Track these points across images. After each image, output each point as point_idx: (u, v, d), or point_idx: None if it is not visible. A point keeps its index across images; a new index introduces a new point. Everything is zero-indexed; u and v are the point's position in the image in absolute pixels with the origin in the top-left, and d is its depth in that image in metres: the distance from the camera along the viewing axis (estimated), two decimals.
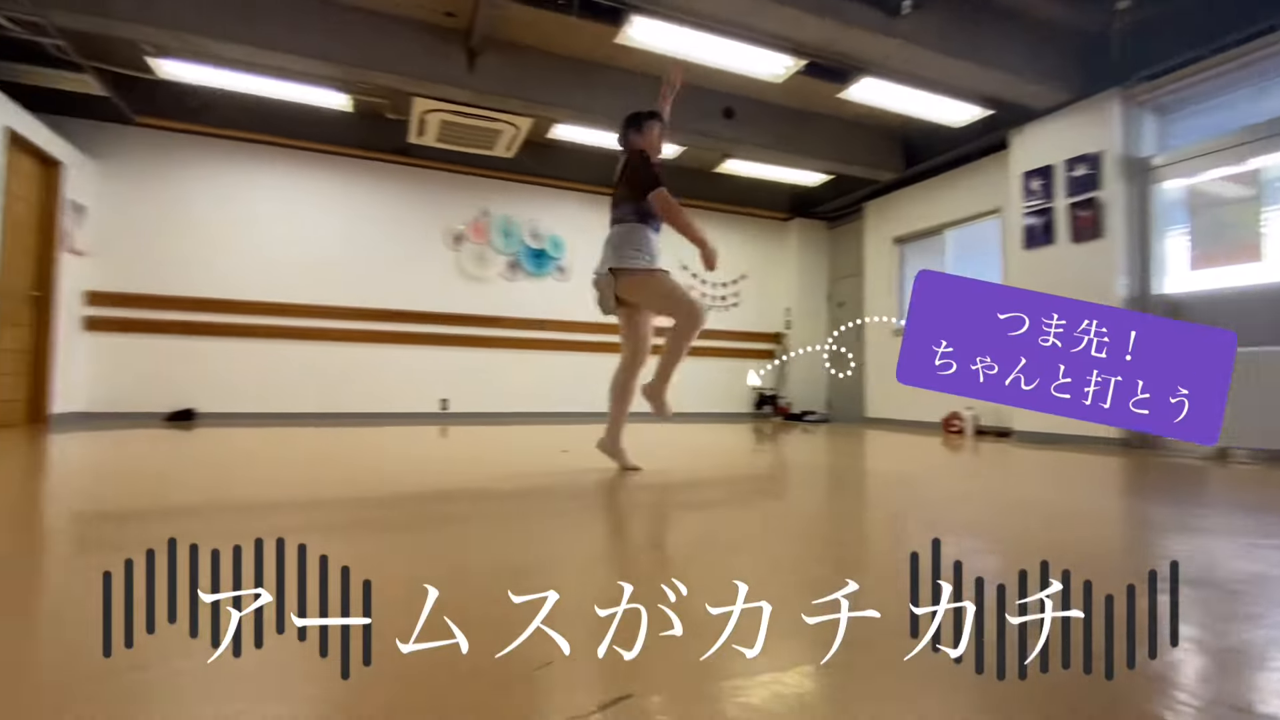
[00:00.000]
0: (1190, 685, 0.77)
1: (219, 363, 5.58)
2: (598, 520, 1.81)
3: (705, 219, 7.67)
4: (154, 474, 2.53)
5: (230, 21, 4.03)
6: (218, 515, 1.73)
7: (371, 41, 4.38)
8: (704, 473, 2.88)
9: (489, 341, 6.57)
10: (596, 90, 5.04)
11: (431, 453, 3.48)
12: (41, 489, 2.26)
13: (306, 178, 6.02)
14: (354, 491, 2.16)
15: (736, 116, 5.51)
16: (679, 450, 3.82)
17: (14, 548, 1.41)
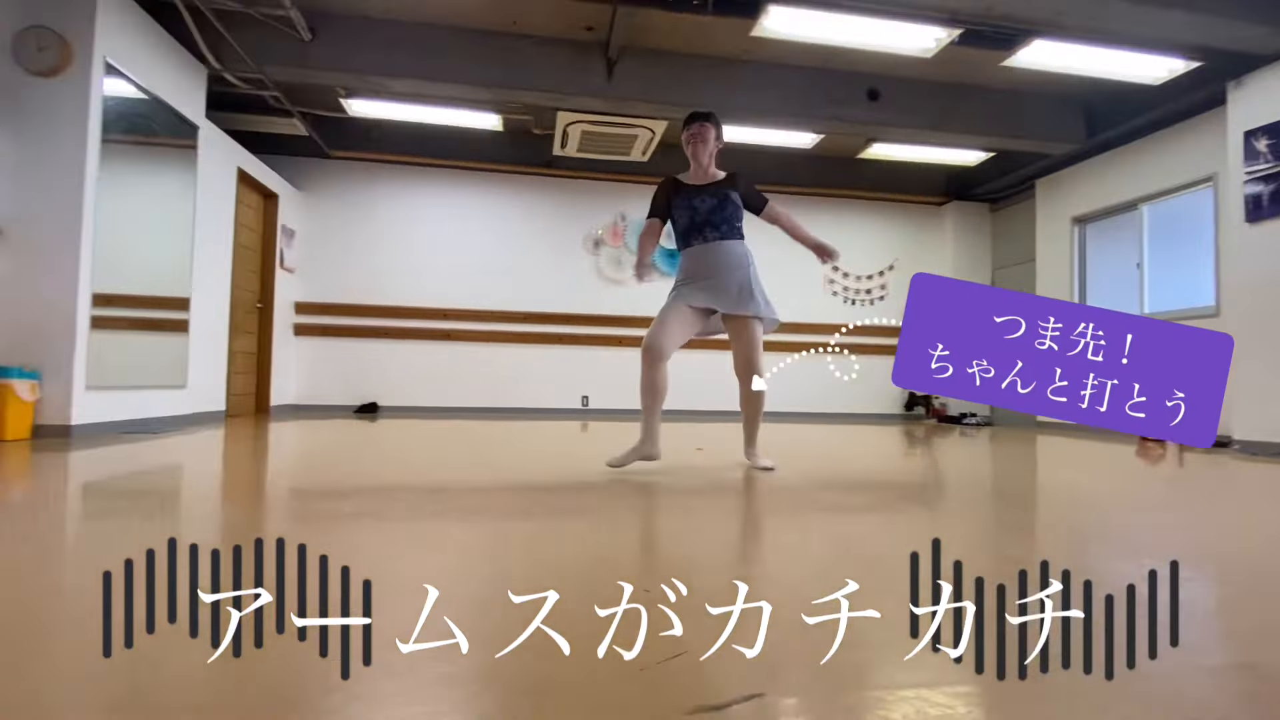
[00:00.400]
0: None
1: (396, 362, 6.31)
2: (730, 518, 1.79)
3: (848, 209, 7.30)
4: (345, 457, 2.92)
5: (404, 60, 4.53)
6: (397, 494, 1.96)
7: (520, 63, 4.70)
8: (846, 477, 2.74)
9: (626, 341, 6.77)
10: (733, 87, 4.99)
11: (574, 447, 3.66)
12: (268, 466, 2.71)
13: (465, 194, 6.60)
14: (509, 479, 2.33)
15: (882, 98, 5.17)
16: (820, 453, 3.68)
17: (248, 515, 1.71)
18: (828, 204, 7.24)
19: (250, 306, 5.52)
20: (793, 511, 1.92)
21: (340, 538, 1.53)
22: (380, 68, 4.52)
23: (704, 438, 4.29)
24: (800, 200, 7.17)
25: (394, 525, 1.63)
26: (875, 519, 1.87)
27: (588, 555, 1.37)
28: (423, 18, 4.46)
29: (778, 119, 5.36)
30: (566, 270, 6.71)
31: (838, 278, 7.29)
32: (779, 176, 6.75)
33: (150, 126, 3.97)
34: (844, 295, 7.32)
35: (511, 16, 4.45)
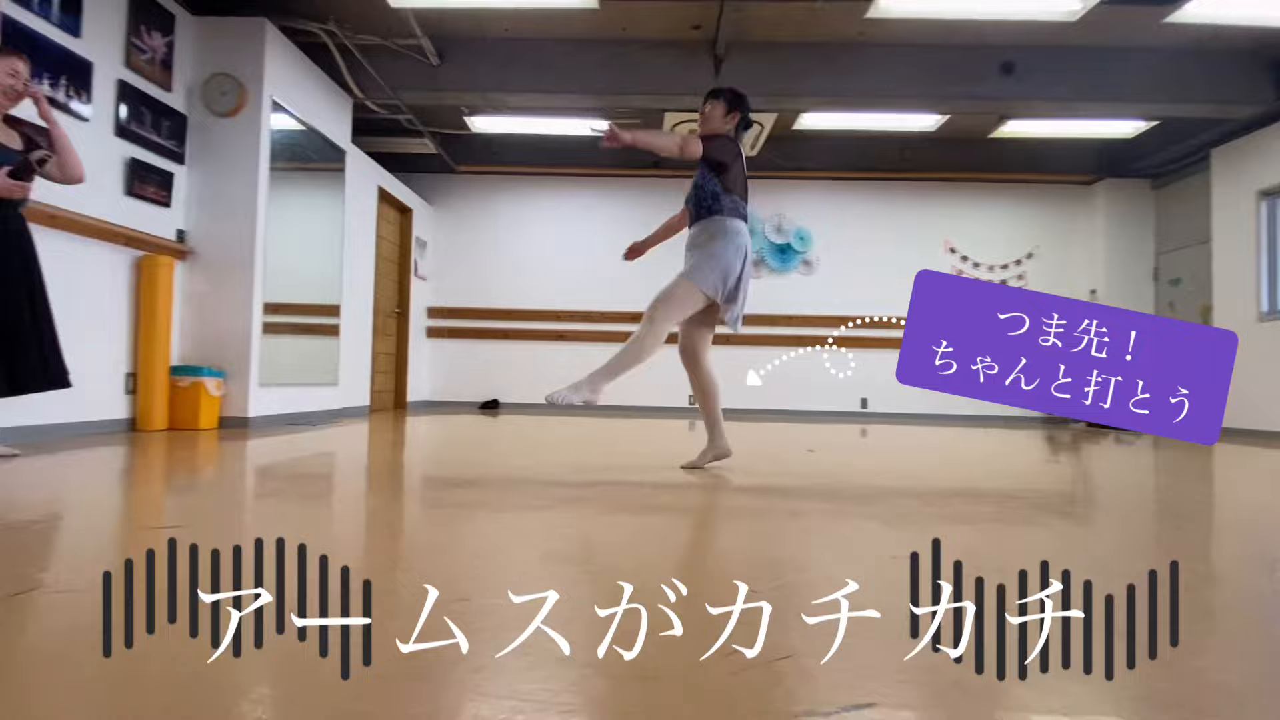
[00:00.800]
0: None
1: (516, 362, 6.67)
2: (840, 522, 1.72)
3: (978, 193, 6.76)
4: (469, 450, 3.15)
5: (520, 76, 4.78)
6: (514, 486, 2.08)
7: (628, 68, 4.79)
8: (977, 483, 2.54)
9: (735, 340, 6.70)
10: (846, 72, 4.78)
11: (677, 447, 3.68)
12: (404, 456, 2.98)
13: (577, 199, 6.85)
14: (619, 475, 2.40)
15: (1017, 70, 4.73)
16: (949, 458, 3.44)
17: (388, 501, 1.89)
18: (955, 189, 6.74)
19: (389, 312, 6.07)
20: (911, 520, 1.81)
21: (462, 526, 1.65)
22: (499, 85, 4.80)
23: (816, 438, 4.16)
24: (924, 186, 6.74)
25: (509, 515, 1.73)
26: (1001, 531, 1.72)
27: (697, 553, 1.38)
28: (536, 34, 4.68)
29: (897, 101, 5.06)
30: (673, 269, 6.75)
31: (966, 268, 6.76)
32: (900, 162, 6.37)
33: (307, 154, 4.49)
34: None
35: (620, 24, 4.55)
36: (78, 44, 3.06)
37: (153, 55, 3.51)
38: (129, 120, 3.36)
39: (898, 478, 2.49)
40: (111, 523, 1.62)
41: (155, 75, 3.53)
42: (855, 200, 6.77)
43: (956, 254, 6.74)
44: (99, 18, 3.17)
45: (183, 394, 3.51)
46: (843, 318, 6.55)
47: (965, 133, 5.95)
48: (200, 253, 3.78)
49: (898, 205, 6.75)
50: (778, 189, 6.76)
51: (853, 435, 4.62)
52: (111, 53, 3.26)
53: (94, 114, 3.16)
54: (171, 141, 3.65)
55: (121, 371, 3.37)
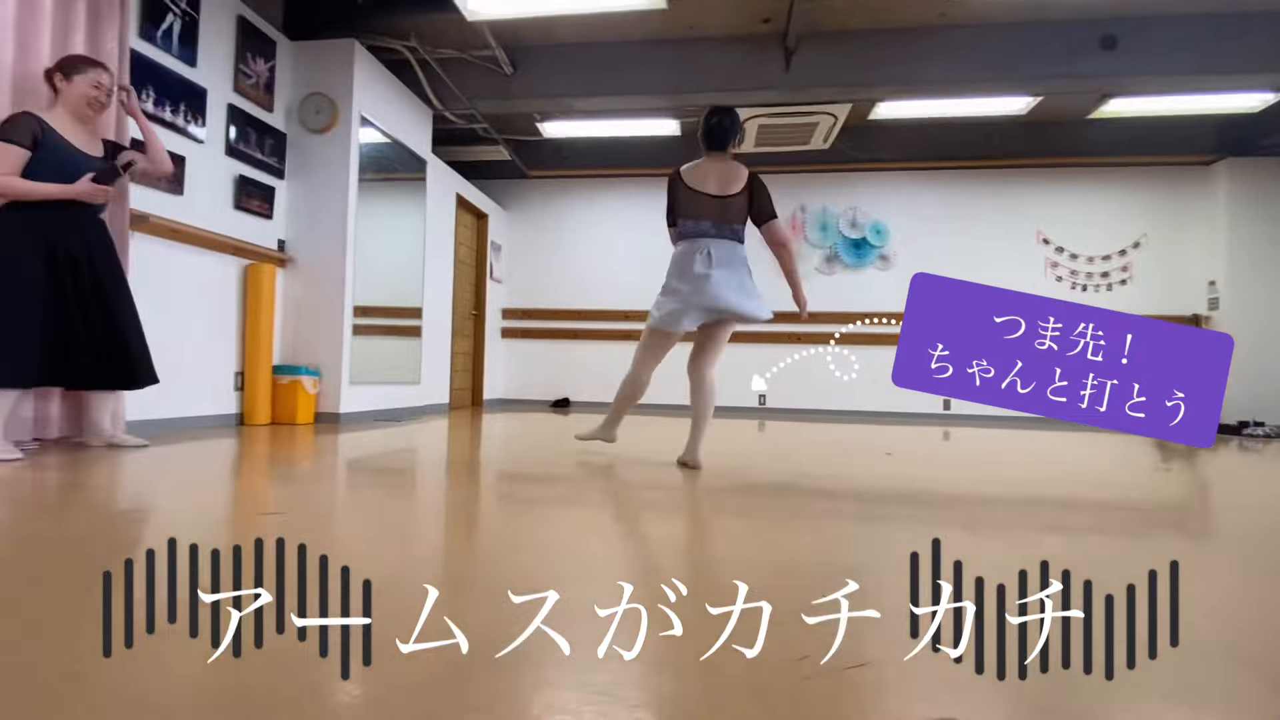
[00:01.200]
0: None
1: (585, 360, 6.80)
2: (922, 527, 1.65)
3: (1076, 179, 6.29)
4: (542, 446, 3.23)
5: (590, 79, 4.86)
6: (585, 483, 2.12)
7: (696, 66, 4.77)
8: (1074, 491, 2.37)
9: (805, 337, 6.54)
10: (925, 58, 4.57)
11: (751, 446, 3.63)
12: (481, 451, 3.10)
13: (646, 200, 6.87)
14: (687, 474, 2.39)
15: (1120, 44, 4.36)
16: (1042, 463, 3.23)
17: (466, 495, 1.97)
18: (1048, 176, 6.30)
19: (467, 313, 6.32)
20: (999, 528, 1.71)
21: (536, 522, 1.70)
22: (568, 90, 4.90)
23: (894, 441, 4.00)
24: (1013, 174, 6.34)
25: (581, 512, 1.76)
26: (1098, 543, 1.59)
27: (772, 555, 1.36)
28: (606, 37, 4.74)
29: (983, 86, 4.78)
30: None
31: (1063, 260, 6.30)
32: (986, 149, 6.03)
33: (392, 165, 4.74)
34: (1070, 280, 6.29)
35: (689, 22, 4.54)
36: (194, 73, 3.37)
37: (257, 80, 3.81)
38: (237, 140, 3.67)
39: (983, 483, 2.35)
40: (225, 508, 1.78)
41: (259, 98, 3.83)
42: (936, 191, 6.45)
43: (1050, 245, 6.29)
44: (211, 48, 3.49)
45: (283, 391, 3.80)
46: None
47: (1060, 114, 5.55)
48: (298, 260, 4.07)
49: (983, 195, 6.38)
50: (852, 182, 6.54)
51: (934, 438, 4.41)
52: (222, 80, 3.58)
53: (208, 136, 3.47)
54: (273, 158, 3.95)
55: (231, 370, 3.68)
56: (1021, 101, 5.15)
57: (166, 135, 3.20)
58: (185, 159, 3.30)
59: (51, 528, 1.46)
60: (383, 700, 0.67)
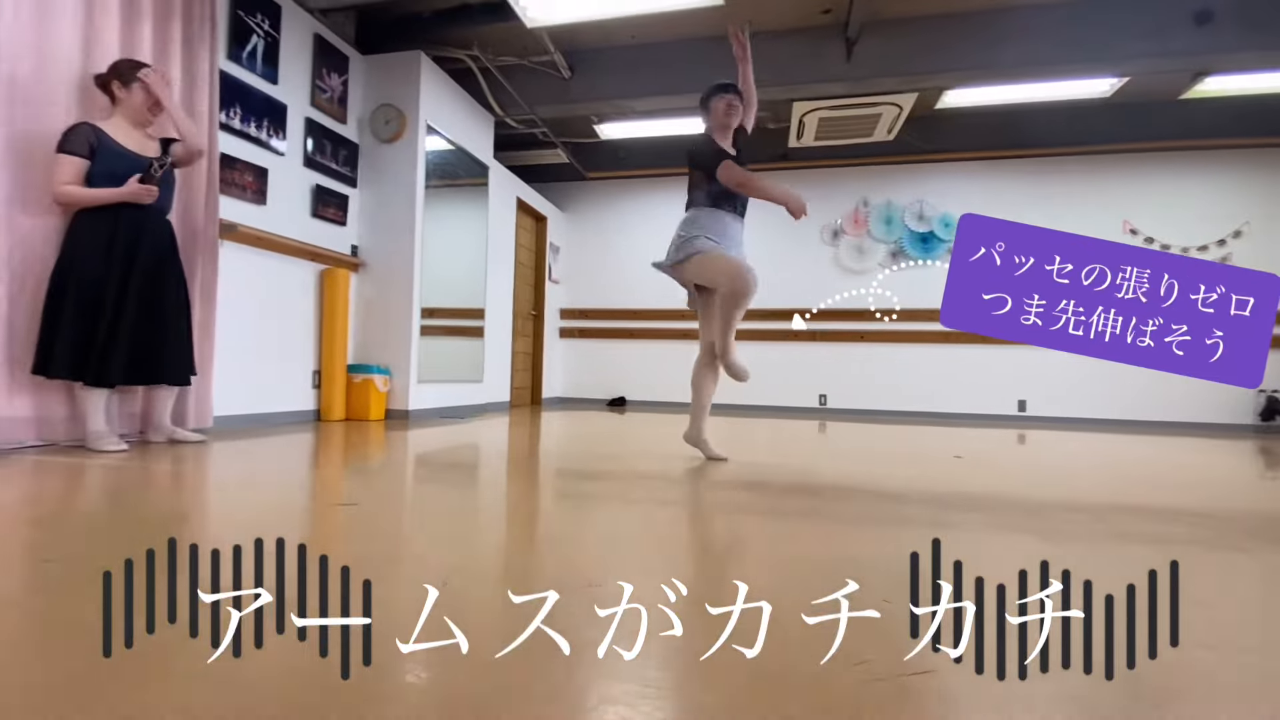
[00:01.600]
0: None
1: (640, 360, 6.83)
2: (1000, 534, 1.57)
3: (1167, 164, 5.86)
4: (598, 444, 3.27)
5: (646, 80, 4.88)
6: (639, 481, 2.13)
7: (756, 61, 4.69)
8: (1164, 499, 2.20)
9: (868, 335, 6.35)
10: (998, 41, 4.36)
11: (813, 447, 3.56)
12: (540, 448, 3.17)
13: None
14: (743, 475, 2.37)
15: (1216, 18, 4.03)
16: (1126, 468, 3.02)
17: (525, 489, 2.01)
18: (1135, 161, 5.89)
19: (526, 314, 6.46)
20: (1075, 538, 1.61)
21: (593, 516, 1.72)
22: (626, 91, 4.93)
23: (964, 443, 3.83)
24: (1096, 161, 5.96)
25: (638, 508, 1.77)
26: (1202, 556, 1.47)
27: (825, 556, 1.33)
28: (663, 37, 4.74)
29: (1064, 68, 4.52)
30: (802, 264, 6.54)
31: (1154, 250, 5.88)
32: (1067, 135, 5.70)
33: (456, 171, 4.90)
34: None
35: (746, 17, 4.49)
36: (275, 90, 3.58)
37: (331, 94, 4.02)
38: (314, 152, 3.88)
39: (1062, 489, 2.22)
40: (305, 497, 1.88)
41: (333, 110, 4.04)
42: (1010, 180, 6.14)
43: (1139, 236, 5.88)
44: (291, 66, 3.70)
45: (357, 389, 3.99)
46: None
47: (1149, 95, 5.19)
48: (369, 264, 4.27)
49: (1062, 183, 6.03)
50: (918, 173, 6.31)
51: (1007, 441, 4.20)
52: (300, 95, 3.78)
53: (288, 149, 3.68)
54: (346, 168, 4.16)
55: (310, 369, 3.89)
56: (1106, 83, 4.84)
57: (251, 150, 3.41)
58: (267, 171, 3.51)
59: (154, 509, 1.58)
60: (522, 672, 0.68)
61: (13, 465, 2.05)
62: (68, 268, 2.35)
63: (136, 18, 2.74)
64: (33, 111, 2.40)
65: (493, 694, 0.68)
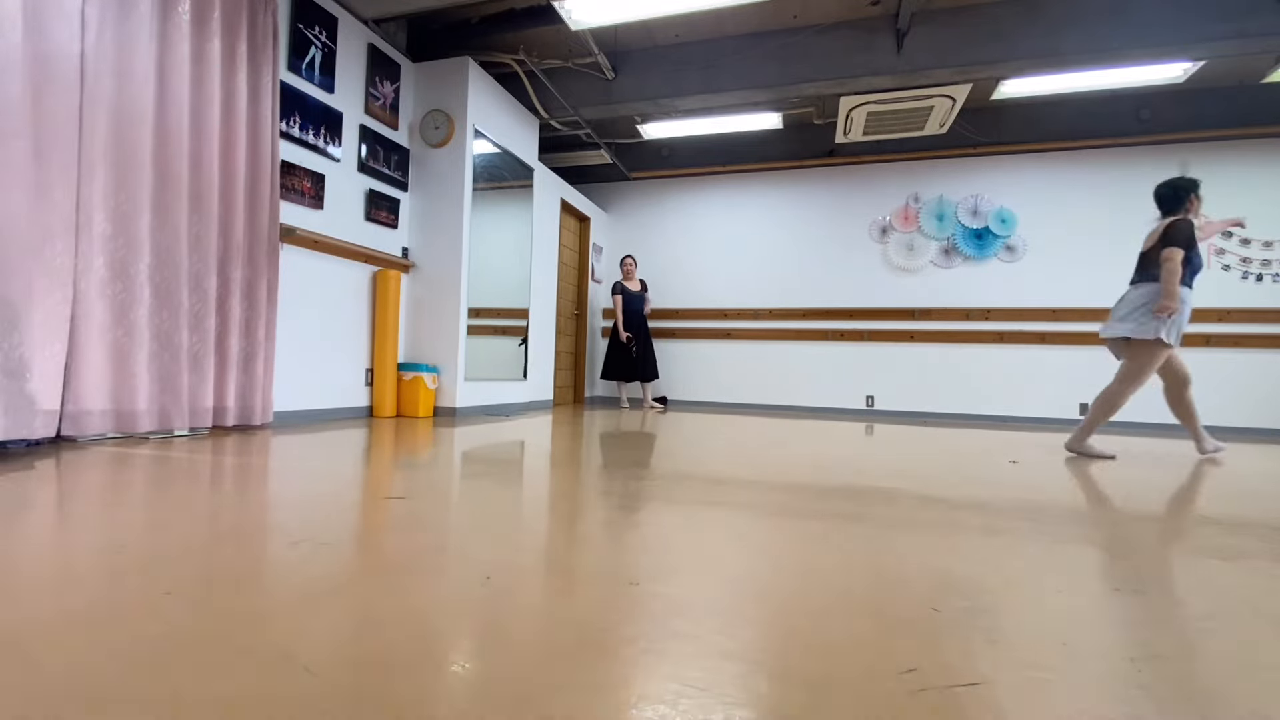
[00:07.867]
0: None
1: (683, 359, 6.80)
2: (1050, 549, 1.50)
3: (1252, 152, 5.49)
4: (644, 442, 3.28)
5: (690, 78, 4.87)
6: (682, 481, 2.13)
7: (799, 56, 4.64)
8: (1243, 510, 2.06)
9: (918, 335, 6.17)
10: (1060, 28, 4.17)
11: (860, 450, 3.48)
12: (583, 445, 3.20)
13: (745, 195, 6.78)
14: (791, 477, 2.34)
15: None
16: (1204, 476, 2.84)
17: (570, 486, 2.04)
18: (1213, 150, 5.54)
19: (569, 314, 6.53)
20: (1141, 550, 1.52)
21: (637, 515, 1.72)
22: (670, 90, 4.93)
23: (1021, 447, 3.68)
24: (1168, 150, 5.64)
25: (680, 509, 1.77)
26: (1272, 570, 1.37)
27: (871, 561, 1.30)
28: (707, 35, 4.72)
29: (1132, 53, 4.29)
30: (850, 262, 6.40)
31: (1231, 246, 5.52)
32: (1135, 124, 5.40)
33: (502, 174, 4.99)
34: (1241, 269, 5.50)
35: (792, 11, 4.43)
36: (332, 99, 3.73)
37: (384, 101, 4.15)
38: (368, 158, 4.02)
39: (1131, 498, 2.10)
40: (358, 490, 1.95)
41: (385, 117, 4.17)
42: (1072, 173, 5.86)
43: (1232, 238, 5.52)
44: (346, 75, 3.84)
45: (407, 386, 4.12)
46: (1055, 310, 5.73)
47: (1227, 80, 4.88)
48: (419, 265, 4.39)
49: (1130, 175, 5.72)
50: (971, 168, 6.10)
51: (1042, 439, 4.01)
52: (355, 103, 3.92)
53: (343, 155, 3.82)
54: (398, 172, 4.29)
55: (363, 367, 4.03)
56: (1179, 68, 4.57)
57: (309, 156, 3.56)
58: (324, 176, 3.66)
59: (234, 500, 1.67)
60: (552, 670, 0.70)
61: (89, 454, 2.20)
62: None
63: (207, 35, 2.89)
64: (116, 124, 2.57)
65: (535, 688, 0.69)
